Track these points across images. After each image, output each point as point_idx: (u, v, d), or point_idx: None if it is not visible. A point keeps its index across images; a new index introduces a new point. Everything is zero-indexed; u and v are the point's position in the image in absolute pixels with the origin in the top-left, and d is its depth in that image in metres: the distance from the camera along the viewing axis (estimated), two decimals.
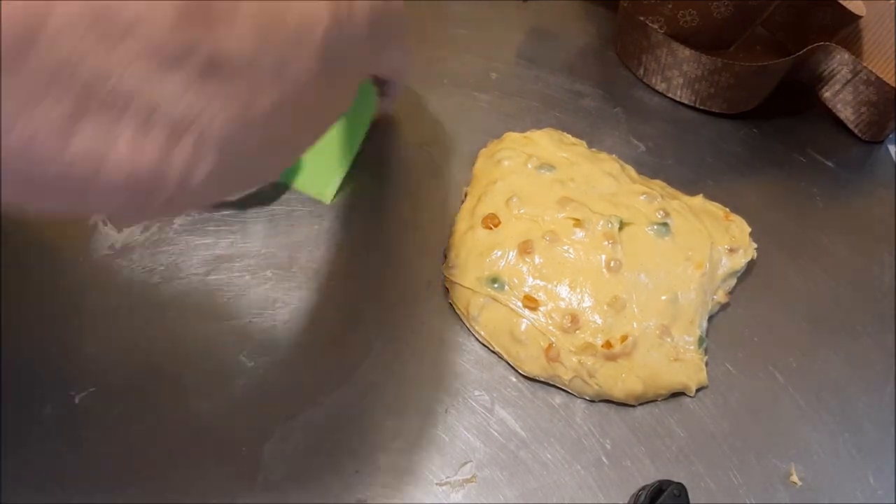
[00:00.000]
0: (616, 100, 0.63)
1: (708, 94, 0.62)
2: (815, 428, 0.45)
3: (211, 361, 0.43)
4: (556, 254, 0.47)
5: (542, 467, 0.42)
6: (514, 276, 0.46)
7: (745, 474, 0.43)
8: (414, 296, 0.48)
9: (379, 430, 0.42)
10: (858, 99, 0.61)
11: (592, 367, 0.44)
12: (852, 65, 0.59)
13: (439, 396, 0.44)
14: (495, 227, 0.48)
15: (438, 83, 0.62)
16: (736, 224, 0.52)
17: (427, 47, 0.65)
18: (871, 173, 0.62)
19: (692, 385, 0.45)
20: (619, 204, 0.50)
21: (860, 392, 0.47)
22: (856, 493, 0.43)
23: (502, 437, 0.43)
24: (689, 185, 0.55)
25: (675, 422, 0.44)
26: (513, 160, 0.52)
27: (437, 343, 0.46)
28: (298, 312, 0.46)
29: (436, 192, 0.54)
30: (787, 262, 0.53)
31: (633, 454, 0.43)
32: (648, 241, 0.48)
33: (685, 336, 0.46)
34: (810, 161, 0.61)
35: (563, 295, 0.46)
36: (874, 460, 0.44)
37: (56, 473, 0.39)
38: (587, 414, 0.44)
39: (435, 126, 0.59)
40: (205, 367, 0.43)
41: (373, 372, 0.44)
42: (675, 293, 0.46)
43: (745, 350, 0.48)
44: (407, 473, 0.41)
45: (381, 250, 0.50)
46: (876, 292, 0.52)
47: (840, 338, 0.50)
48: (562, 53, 0.67)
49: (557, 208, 0.49)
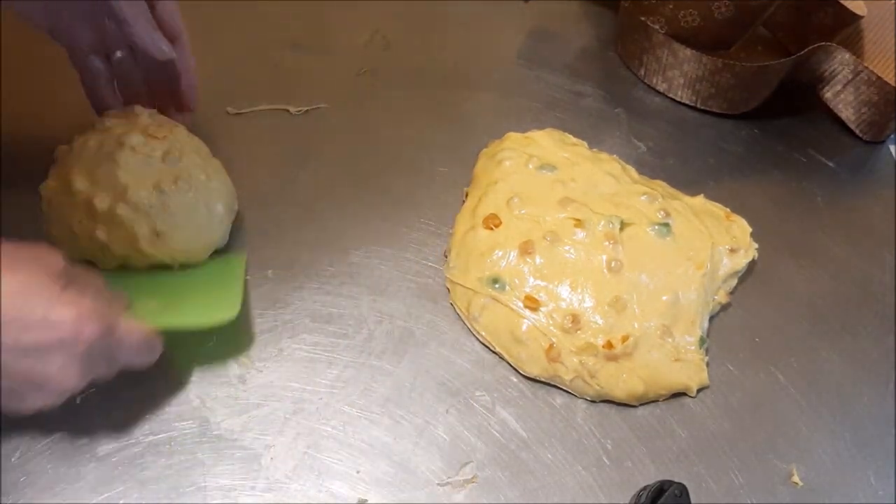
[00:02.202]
0: (617, 100, 0.63)
1: (709, 94, 0.62)
2: (817, 428, 0.45)
3: (214, 363, 0.43)
4: (557, 254, 0.47)
5: (543, 467, 0.42)
6: (515, 277, 0.46)
7: (746, 474, 0.43)
8: (414, 296, 0.48)
9: (380, 429, 0.42)
10: (859, 99, 0.61)
11: (593, 368, 0.44)
12: (853, 65, 0.59)
13: (440, 397, 0.44)
14: (496, 227, 0.48)
15: (439, 83, 0.62)
16: (737, 224, 0.52)
17: (428, 48, 0.65)
18: (871, 173, 0.62)
19: (693, 385, 0.45)
20: (620, 204, 0.50)
21: (861, 392, 0.47)
22: (857, 493, 0.43)
23: (503, 437, 0.43)
24: (690, 185, 0.55)
25: (676, 422, 0.44)
26: (514, 160, 0.52)
27: (438, 343, 0.46)
28: (299, 313, 0.46)
29: (436, 192, 0.54)
30: (789, 263, 0.53)
31: (634, 454, 0.43)
32: (649, 241, 0.48)
33: (686, 336, 0.46)
34: (811, 161, 0.61)
35: (564, 295, 0.46)
36: (875, 460, 0.44)
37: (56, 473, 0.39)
38: (588, 414, 0.44)
39: (435, 126, 0.59)
40: (207, 366, 0.43)
41: (373, 372, 0.44)
42: (676, 293, 0.46)
43: (746, 350, 0.48)
44: (408, 473, 0.41)
45: (381, 250, 0.50)
46: (877, 292, 0.52)
47: (841, 338, 0.49)
48: (563, 54, 0.67)
49: (558, 208, 0.49)
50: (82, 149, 0.45)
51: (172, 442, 0.40)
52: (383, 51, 0.64)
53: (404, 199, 0.53)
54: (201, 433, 0.41)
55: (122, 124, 0.46)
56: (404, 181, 0.54)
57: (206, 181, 0.46)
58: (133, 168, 0.44)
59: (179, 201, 0.44)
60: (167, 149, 0.45)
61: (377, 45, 0.65)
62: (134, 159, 0.44)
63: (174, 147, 0.46)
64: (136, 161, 0.44)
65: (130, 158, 0.44)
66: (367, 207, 0.52)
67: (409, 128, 0.58)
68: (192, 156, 0.46)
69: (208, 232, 0.46)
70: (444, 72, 0.63)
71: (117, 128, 0.46)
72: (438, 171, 0.55)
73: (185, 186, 0.45)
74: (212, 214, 0.46)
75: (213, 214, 0.46)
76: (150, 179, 0.44)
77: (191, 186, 0.45)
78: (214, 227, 0.46)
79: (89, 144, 0.45)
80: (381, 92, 0.61)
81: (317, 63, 0.62)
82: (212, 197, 0.46)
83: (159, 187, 0.44)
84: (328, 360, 0.44)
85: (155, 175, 0.44)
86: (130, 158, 0.44)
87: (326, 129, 0.57)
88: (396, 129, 0.58)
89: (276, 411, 0.42)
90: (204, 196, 0.46)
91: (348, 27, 0.66)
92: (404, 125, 0.58)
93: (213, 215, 0.46)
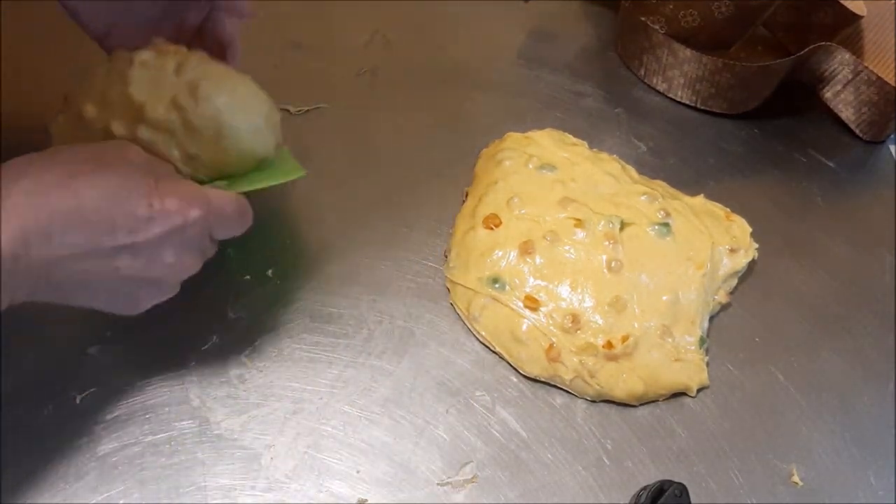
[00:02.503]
0: (617, 100, 0.63)
1: (709, 94, 0.62)
2: (817, 428, 0.45)
3: (214, 363, 0.44)
4: (557, 254, 0.47)
5: (543, 467, 0.42)
6: (515, 277, 0.46)
7: (746, 475, 0.43)
8: (414, 296, 0.48)
9: (380, 429, 0.42)
10: (859, 99, 0.61)
11: (593, 368, 0.44)
12: (853, 65, 0.59)
13: (440, 397, 0.44)
14: (496, 227, 0.48)
15: (439, 83, 0.62)
16: (737, 224, 0.52)
17: (428, 48, 0.65)
18: (871, 173, 0.62)
19: (693, 385, 0.45)
20: (620, 204, 0.50)
21: (861, 392, 0.47)
22: (857, 493, 0.43)
23: (503, 437, 0.43)
24: (690, 185, 0.55)
25: (676, 422, 0.44)
26: (514, 160, 0.52)
27: (438, 343, 0.46)
28: (299, 313, 0.46)
29: (436, 192, 0.54)
30: (789, 263, 0.53)
31: (634, 454, 0.43)
32: (649, 241, 0.48)
33: (686, 336, 0.46)
34: (811, 161, 0.61)
35: (564, 295, 0.46)
36: (875, 460, 0.44)
37: (56, 473, 0.39)
38: (588, 414, 0.44)
39: (435, 126, 0.59)
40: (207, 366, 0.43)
41: (373, 372, 0.44)
42: (676, 293, 0.46)
43: (746, 350, 0.48)
44: (408, 473, 0.41)
45: (381, 250, 0.50)
46: (877, 292, 0.52)
47: (841, 338, 0.49)
48: (563, 54, 0.67)
49: (558, 208, 0.49)
50: (91, 78, 0.40)
51: (172, 442, 0.40)
52: (383, 50, 0.64)
53: (404, 199, 0.53)
54: (201, 433, 0.41)
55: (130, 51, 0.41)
56: (404, 181, 0.54)
57: (232, 90, 0.40)
58: (145, 85, 0.39)
59: (203, 117, 0.39)
60: (181, 61, 0.40)
61: (377, 45, 0.65)
62: (146, 74, 0.39)
63: (188, 60, 0.40)
64: (147, 75, 0.39)
65: (142, 74, 0.39)
66: (367, 207, 0.52)
67: (409, 128, 0.58)
68: (210, 66, 0.41)
69: (248, 145, 0.41)
70: (444, 72, 0.63)
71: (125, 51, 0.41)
72: (438, 171, 0.55)
73: (205, 99, 0.39)
74: (246, 127, 0.40)
75: (247, 127, 0.40)
76: (165, 95, 0.39)
77: (212, 99, 0.39)
78: (254, 140, 0.41)
79: (98, 72, 0.40)
80: (382, 92, 0.61)
81: (317, 63, 0.62)
82: (242, 108, 0.40)
83: (177, 102, 0.39)
84: (328, 360, 0.44)
85: (169, 89, 0.39)
86: (142, 74, 0.39)
87: (326, 128, 0.57)
88: (396, 128, 0.58)
89: (276, 411, 0.42)
90: (232, 108, 0.40)
91: (348, 27, 0.66)
92: (404, 125, 0.58)
93: (248, 127, 0.40)
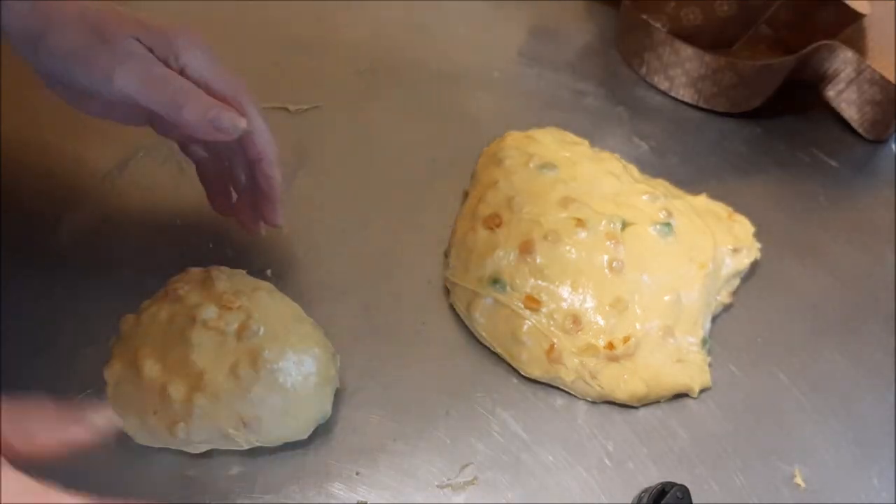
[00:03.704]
0: (618, 99, 0.63)
1: (711, 92, 0.62)
2: (819, 429, 0.45)
3: None
4: (558, 254, 0.46)
5: (544, 469, 0.41)
6: (516, 277, 0.46)
7: (748, 476, 0.42)
8: (414, 296, 0.48)
9: (379, 431, 0.42)
10: (862, 98, 0.61)
11: (595, 369, 0.43)
12: (856, 63, 0.59)
13: (440, 398, 0.43)
14: (497, 227, 0.48)
15: (439, 82, 0.62)
16: (739, 224, 0.52)
17: (428, 47, 0.65)
18: (874, 172, 0.61)
19: (695, 386, 0.45)
20: (621, 204, 0.49)
21: (864, 393, 0.47)
22: (860, 494, 0.42)
23: (504, 438, 0.42)
24: (692, 184, 0.55)
25: (677, 423, 0.44)
26: (514, 159, 0.51)
27: (438, 344, 0.46)
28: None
29: (436, 192, 0.53)
30: (791, 263, 0.53)
31: (635, 456, 0.42)
32: (651, 241, 0.48)
33: (688, 337, 0.46)
34: (814, 160, 0.61)
35: (565, 296, 0.45)
36: (878, 461, 0.44)
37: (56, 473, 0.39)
38: (589, 415, 0.44)
39: (435, 125, 0.58)
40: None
41: (373, 373, 0.44)
42: (678, 294, 0.46)
43: (748, 351, 0.48)
44: (408, 475, 0.40)
45: (381, 251, 0.50)
46: (880, 292, 0.52)
47: (844, 339, 0.49)
48: (564, 52, 0.66)
49: (559, 208, 0.48)
50: (151, 322, 0.40)
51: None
52: (383, 49, 0.64)
53: (404, 199, 0.53)
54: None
55: (196, 292, 0.41)
56: (404, 180, 0.54)
57: (292, 355, 0.39)
58: (207, 348, 0.39)
59: (260, 385, 0.38)
60: (244, 320, 0.40)
61: (377, 44, 0.64)
62: (207, 337, 0.39)
63: (251, 318, 0.40)
64: (209, 339, 0.39)
65: (204, 337, 0.39)
66: (366, 206, 0.52)
67: (409, 127, 0.58)
68: (273, 325, 0.40)
69: (304, 410, 0.40)
70: (444, 71, 0.63)
71: (191, 296, 0.40)
72: (438, 170, 0.55)
73: (265, 367, 0.38)
74: (304, 391, 0.39)
75: (305, 391, 0.40)
76: (226, 361, 0.38)
77: (270, 366, 0.39)
78: (310, 404, 0.40)
79: (160, 317, 0.40)
80: (382, 91, 0.61)
81: (316, 61, 0.62)
82: (300, 372, 0.39)
83: (235, 371, 0.38)
84: None
85: (230, 355, 0.39)
86: (204, 337, 0.39)
87: (325, 127, 0.57)
88: (396, 128, 0.58)
89: None
90: (290, 373, 0.39)
91: (348, 25, 0.65)
92: (404, 124, 0.58)
93: (306, 392, 0.40)
